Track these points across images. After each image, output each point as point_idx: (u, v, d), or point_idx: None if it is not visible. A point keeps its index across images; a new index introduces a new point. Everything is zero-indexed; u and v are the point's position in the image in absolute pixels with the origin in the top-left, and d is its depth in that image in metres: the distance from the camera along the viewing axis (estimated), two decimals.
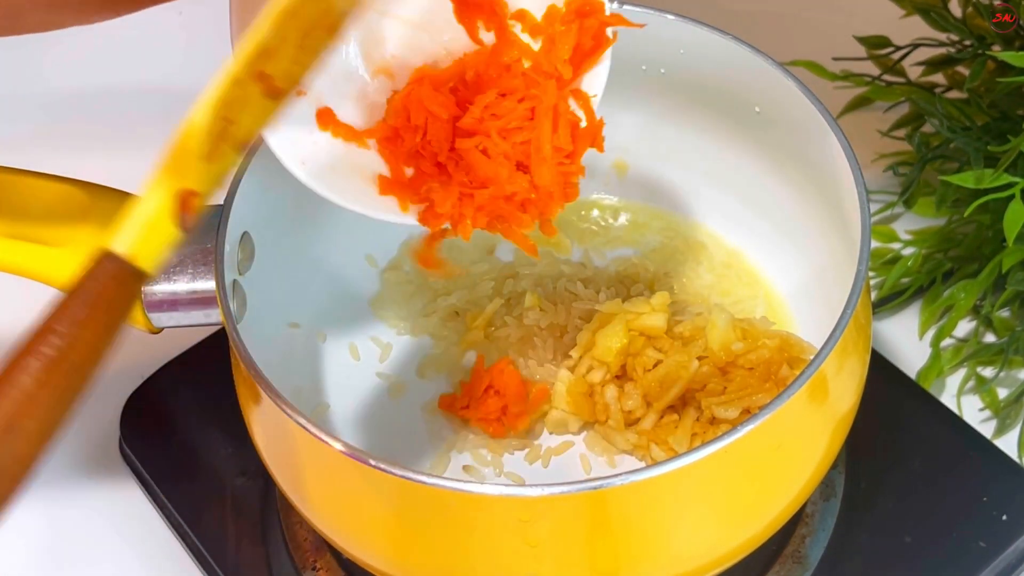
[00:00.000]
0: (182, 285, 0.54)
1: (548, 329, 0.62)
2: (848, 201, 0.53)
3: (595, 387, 0.59)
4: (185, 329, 0.56)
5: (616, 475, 0.45)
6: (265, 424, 0.52)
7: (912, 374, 0.65)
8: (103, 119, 0.85)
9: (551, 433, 0.60)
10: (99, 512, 0.64)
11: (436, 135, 0.50)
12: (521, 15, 0.51)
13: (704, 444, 0.45)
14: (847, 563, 0.58)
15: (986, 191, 0.60)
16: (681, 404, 0.58)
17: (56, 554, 0.63)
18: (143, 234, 0.40)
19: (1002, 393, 0.65)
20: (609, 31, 0.51)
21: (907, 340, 0.68)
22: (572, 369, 0.60)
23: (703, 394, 0.57)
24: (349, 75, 0.52)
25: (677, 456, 0.45)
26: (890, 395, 0.63)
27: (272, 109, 0.43)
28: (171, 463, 0.64)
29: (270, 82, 0.42)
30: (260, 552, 0.60)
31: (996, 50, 0.67)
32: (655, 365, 0.58)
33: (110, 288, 0.40)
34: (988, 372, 0.66)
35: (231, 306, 0.52)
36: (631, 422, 0.58)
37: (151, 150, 0.84)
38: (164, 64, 0.87)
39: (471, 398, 0.60)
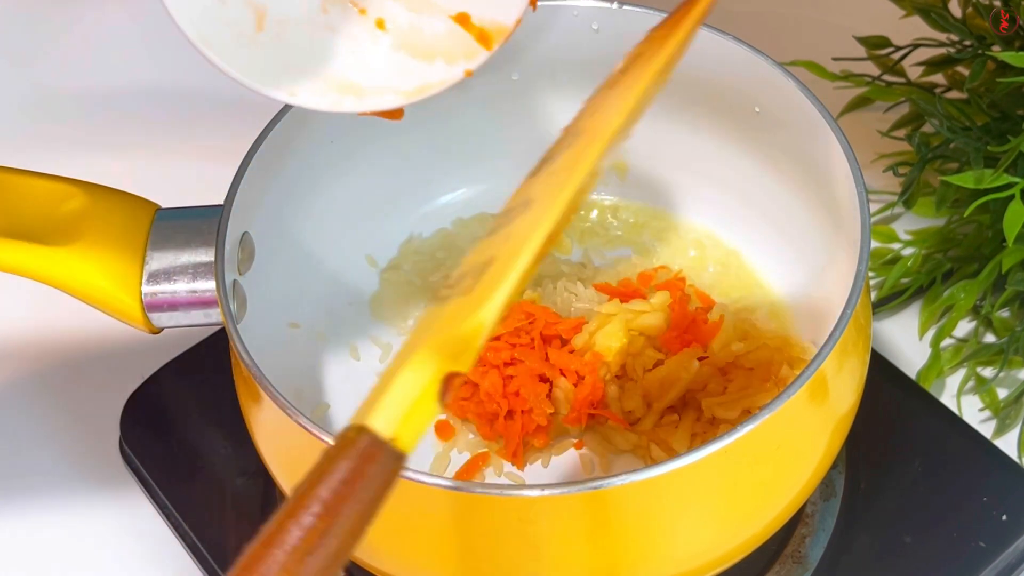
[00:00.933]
0: (182, 285, 0.54)
1: None
2: (848, 201, 0.53)
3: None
4: (185, 329, 0.56)
5: (616, 475, 0.45)
6: (265, 424, 0.52)
7: (912, 374, 0.65)
8: (103, 119, 0.85)
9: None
10: (99, 512, 0.64)
11: None
12: None
13: (704, 444, 0.45)
14: (847, 563, 0.58)
15: (986, 191, 0.60)
16: (681, 404, 0.58)
17: (56, 554, 0.63)
18: (409, 415, 0.37)
19: (1002, 393, 0.65)
20: None
21: (907, 340, 0.68)
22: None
23: (703, 394, 0.57)
24: None
25: (677, 456, 0.45)
26: (890, 395, 0.63)
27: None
28: (171, 463, 0.64)
29: (554, 242, 0.41)
30: None
31: (996, 50, 0.67)
32: (655, 365, 0.58)
33: (367, 471, 0.36)
34: (988, 372, 0.66)
35: (231, 306, 0.52)
36: (631, 422, 0.58)
37: (151, 150, 0.85)
38: (164, 64, 0.87)
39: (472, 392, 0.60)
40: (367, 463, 0.36)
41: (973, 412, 0.64)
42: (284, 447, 0.52)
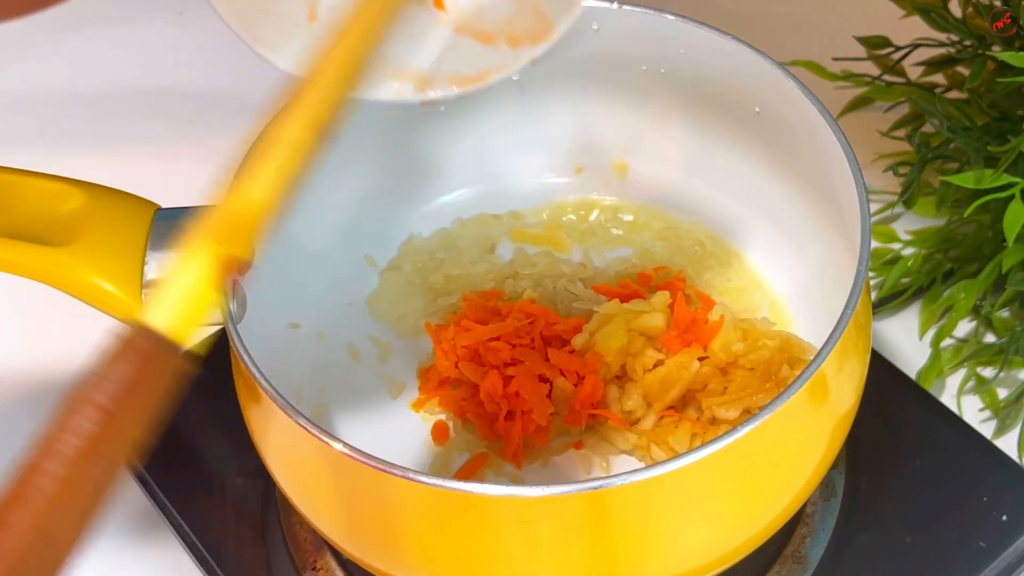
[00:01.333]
0: None
1: None
2: (848, 201, 0.53)
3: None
4: None
5: (616, 475, 0.45)
6: (265, 424, 0.52)
7: (912, 374, 0.65)
8: (103, 119, 0.85)
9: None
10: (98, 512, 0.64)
11: None
12: None
13: (704, 444, 0.45)
14: (847, 563, 0.58)
15: (986, 191, 0.60)
16: (681, 404, 0.58)
17: None
18: (185, 305, 0.36)
19: (1002, 393, 0.65)
20: None
21: (907, 340, 0.68)
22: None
23: (703, 394, 0.57)
24: None
25: (677, 456, 0.45)
26: (890, 395, 0.63)
27: (319, 145, 0.40)
28: (171, 463, 0.64)
29: (324, 127, 0.40)
30: (260, 552, 0.60)
31: (996, 50, 0.67)
32: (655, 365, 0.58)
33: (144, 369, 0.35)
34: (988, 372, 0.66)
35: (231, 306, 0.52)
36: (631, 422, 0.58)
37: (151, 150, 0.85)
38: (164, 64, 0.87)
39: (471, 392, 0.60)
40: (145, 363, 0.35)
41: (973, 412, 0.64)
42: (284, 447, 0.52)
